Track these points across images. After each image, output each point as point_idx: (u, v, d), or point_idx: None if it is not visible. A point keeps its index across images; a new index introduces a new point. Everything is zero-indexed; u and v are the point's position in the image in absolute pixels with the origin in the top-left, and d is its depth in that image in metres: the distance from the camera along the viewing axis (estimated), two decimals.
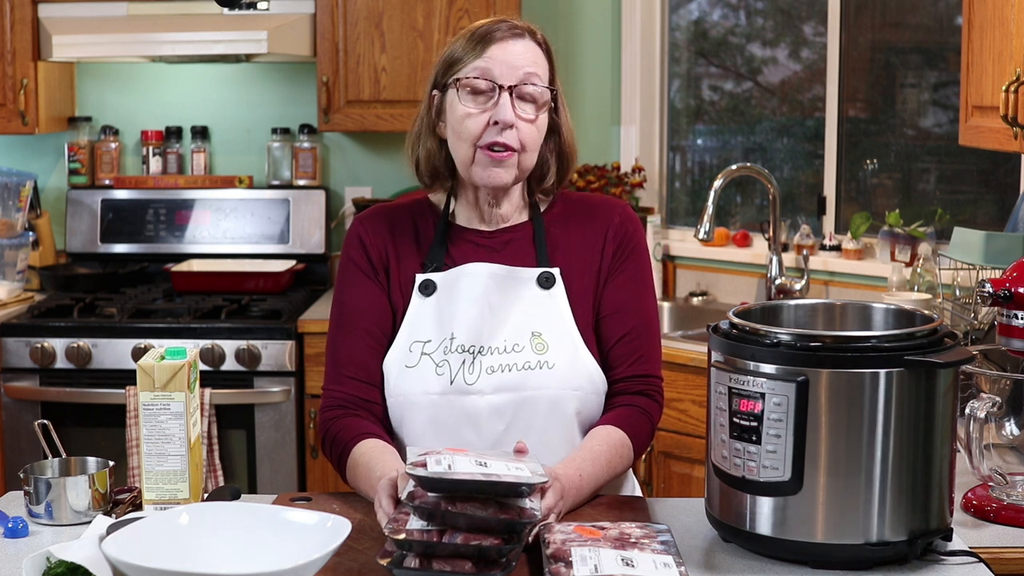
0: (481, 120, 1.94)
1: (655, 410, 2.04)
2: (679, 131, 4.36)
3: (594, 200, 2.12)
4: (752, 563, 1.68)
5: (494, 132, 1.94)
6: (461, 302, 1.98)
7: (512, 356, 1.96)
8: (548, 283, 2.01)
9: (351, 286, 2.05)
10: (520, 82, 1.94)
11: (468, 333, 1.97)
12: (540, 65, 1.98)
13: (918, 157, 3.88)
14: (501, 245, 2.05)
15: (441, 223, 2.05)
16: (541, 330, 1.98)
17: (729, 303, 3.95)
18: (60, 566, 1.57)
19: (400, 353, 1.99)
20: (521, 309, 1.99)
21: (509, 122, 1.93)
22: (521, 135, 1.95)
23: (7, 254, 3.94)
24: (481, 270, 2.00)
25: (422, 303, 2.01)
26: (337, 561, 1.62)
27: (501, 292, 1.99)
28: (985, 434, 1.85)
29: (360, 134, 4.29)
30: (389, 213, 2.10)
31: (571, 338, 1.99)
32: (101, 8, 3.95)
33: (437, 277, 2.01)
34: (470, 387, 1.94)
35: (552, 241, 2.05)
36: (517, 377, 1.95)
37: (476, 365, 1.95)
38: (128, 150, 4.39)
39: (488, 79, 1.94)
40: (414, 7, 3.95)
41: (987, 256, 2.57)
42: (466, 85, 1.95)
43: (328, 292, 4.16)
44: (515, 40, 1.96)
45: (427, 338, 1.98)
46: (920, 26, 3.89)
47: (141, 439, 1.82)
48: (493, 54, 1.94)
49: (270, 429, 3.65)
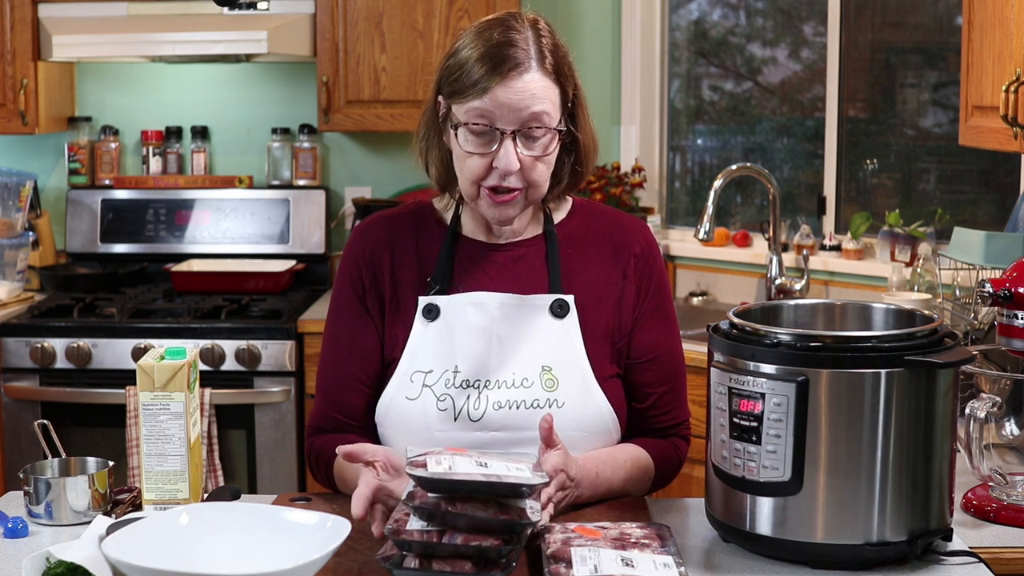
0: (483, 163, 1.83)
1: (684, 448, 2.02)
2: (679, 131, 4.36)
3: (613, 219, 2.02)
4: (752, 563, 1.68)
5: (496, 176, 1.84)
6: (466, 332, 1.90)
7: (520, 392, 1.88)
8: (562, 312, 1.92)
9: (343, 317, 1.98)
10: (523, 125, 1.82)
11: (473, 366, 1.89)
12: (548, 97, 1.83)
13: (918, 157, 3.88)
14: (511, 261, 1.96)
15: (448, 237, 1.97)
16: (552, 364, 1.89)
17: (729, 303, 3.95)
18: (60, 566, 1.57)
19: (401, 383, 1.91)
20: (531, 341, 1.90)
21: (512, 170, 1.83)
22: (527, 175, 1.84)
23: (7, 254, 3.94)
24: (490, 300, 1.91)
25: (425, 329, 1.92)
26: (337, 561, 1.62)
27: (510, 323, 1.91)
28: (985, 434, 1.85)
29: (360, 134, 4.29)
30: (390, 223, 2.00)
31: (582, 374, 1.90)
32: (101, 8, 3.95)
33: (441, 301, 1.92)
34: (475, 423, 1.87)
35: (566, 263, 1.96)
36: (525, 415, 1.87)
37: (482, 400, 1.88)
38: (128, 150, 4.39)
39: (489, 123, 1.81)
40: (414, 7, 3.95)
41: (987, 256, 2.57)
42: (467, 127, 1.83)
43: (328, 292, 4.16)
44: (520, 76, 1.80)
45: (428, 368, 1.90)
46: (920, 26, 3.89)
47: (141, 439, 1.82)
48: (496, 95, 1.80)
49: (270, 429, 3.65)
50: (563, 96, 1.87)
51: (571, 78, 1.89)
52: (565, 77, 1.87)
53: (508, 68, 1.80)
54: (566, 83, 1.87)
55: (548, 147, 1.85)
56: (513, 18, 1.87)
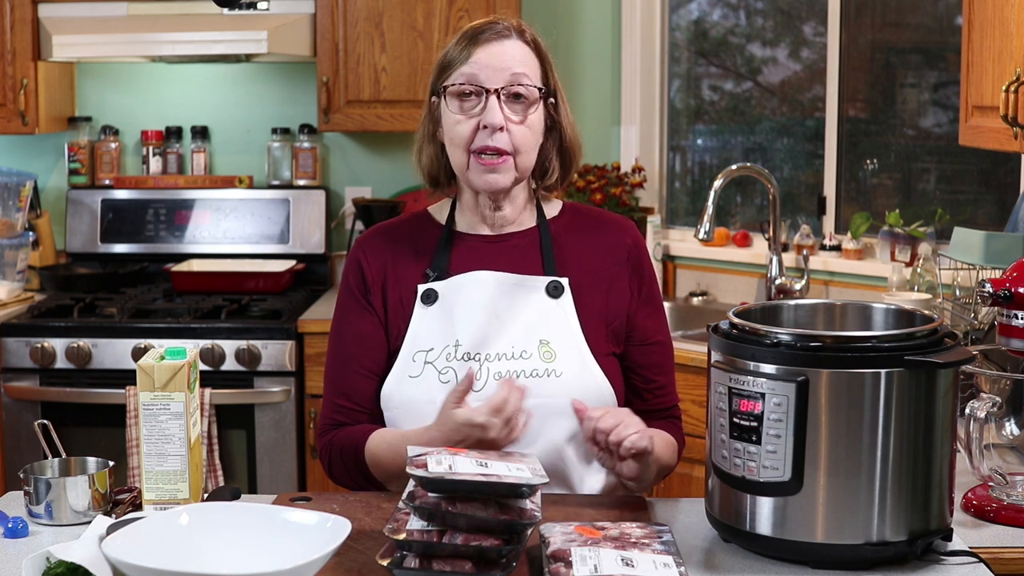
0: (470, 125, 1.93)
1: (682, 430, 2.10)
2: (679, 131, 4.36)
3: (603, 216, 2.11)
4: (752, 563, 1.68)
5: (484, 136, 1.92)
6: (466, 308, 1.96)
7: (519, 362, 1.94)
8: (557, 292, 1.98)
9: (348, 318, 2.04)
10: (507, 84, 1.92)
11: (473, 339, 1.95)
12: (529, 64, 1.95)
13: (918, 157, 3.88)
14: (506, 250, 2.02)
15: (444, 232, 2.04)
16: (549, 338, 1.96)
17: (729, 303, 3.95)
18: (60, 566, 1.57)
19: (404, 365, 1.97)
20: (528, 316, 1.97)
21: (497, 125, 1.91)
22: (513, 138, 1.93)
23: (7, 254, 3.94)
24: (488, 277, 1.98)
25: (424, 313, 1.98)
26: (337, 561, 1.62)
27: (508, 299, 1.97)
28: (985, 434, 1.85)
29: (360, 134, 4.29)
30: (388, 232, 2.08)
31: (579, 349, 1.97)
32: (101, 8, 3.95)
33: (439, 286, 1.99)
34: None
35: (560, 250, 2.03)
36: (525, 384, 1.90)
37: (483, 371, 1.93)
38: (128, 150, 4.39)
39: (474, 84, 1.93)
40: (414, 7, 3.95)
41: (987, 256, 2.57)
42: (454, 92, 1.94)
43: (328, 292, 4.17)
44: (501, 41, 1.95)
45: (429, 346, 1.96)
46: (920, 26, 3.89)
47: (141, 439, 1.82)
48: (478, 58, 1.93)
49: (270, 429, 3.65)
50: (544, 76, 1.98)
51: (551, 71, 2.00)
52: (545, 61, 1.99)
53: (489, 36, 1.95)
54: (546, 67, 1.99)
55: (531, 109, 1.95)
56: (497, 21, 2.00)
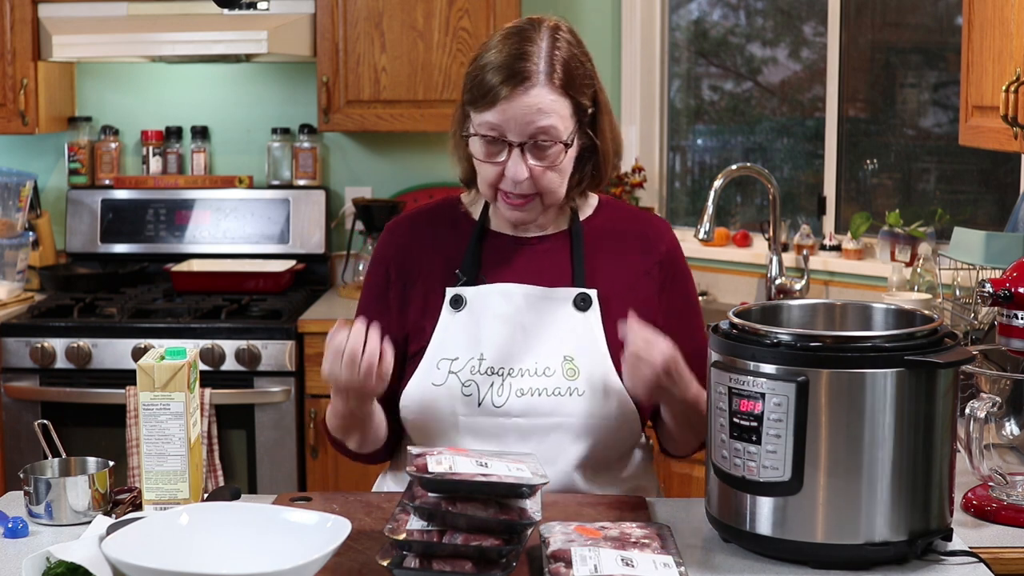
0: (496, 170, 1.91)
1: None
2: (679, 131, 4.36)
3: (638, 216, 2.10)
4: (752, 563, 1.68)
5: (509, 183, 1.91)
6: (492, 321, 1.96)
7: (542, 380, 1.93)
8: (585, 305, 1.97)
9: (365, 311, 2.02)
10: (531, 138, 1.88)
11: (498, 354, 1.95)
12: (556, 111, 1.88)
13: (918, 157, 3.88)
14: (537, 255, 2.01)
15: (476, 230, 2.03)
16: (573, 355, 1.95)
17: (729, 303, 3.95)
18: (60, 566, 1.57)
19: (427, 370, 1.96)
20: (554, 331, 1.96)
21: (520, 179, 1.89)
22: (538, 183, 1.91)
23: (7, 254, 3.94)
24: (516, 291, 1.97)
25: (452, 318, 1.97)
26: (337, 561, 1.62)
27: (534, 313, 1.96)
28: (985, 434, 1.85)
29: (360, 134, 4.29)
30: (417, 220, 2.07)
31: (603, 365, 1.95)
32: (101, 8, 3.95)
33: (468, 292, 1.98)
34: (498, 408, 1.92)
35: (591, 259, 2.01)
36: (546, 402, 1.92)
37: (505, 387, 1.93)
38: (128, 150, 4.39)
39: (498, 134, 1.88)
40: (414, 7, 3.95)
41: (987, 256, 2.57)
42: (479, 137, 1.91)
43: (328, 292, 4.17)
44: (524, 93, 1.86)
45: (455, 355, 1.96)
46: (920, 26, 3.89)
47: (141, 439, 1.82)
48: (503, 108, 1.86)
49: (270, 429, 3.65)
50: (576, 108, 1.91)
51: (588, 88, 1.93)
52: (578, 89, 1.91)
53: (516, 83, 1.86)
54: (579, 95, 1.91)
55: (557, 158, 1.90)
56: (533, 27, 1.92)
